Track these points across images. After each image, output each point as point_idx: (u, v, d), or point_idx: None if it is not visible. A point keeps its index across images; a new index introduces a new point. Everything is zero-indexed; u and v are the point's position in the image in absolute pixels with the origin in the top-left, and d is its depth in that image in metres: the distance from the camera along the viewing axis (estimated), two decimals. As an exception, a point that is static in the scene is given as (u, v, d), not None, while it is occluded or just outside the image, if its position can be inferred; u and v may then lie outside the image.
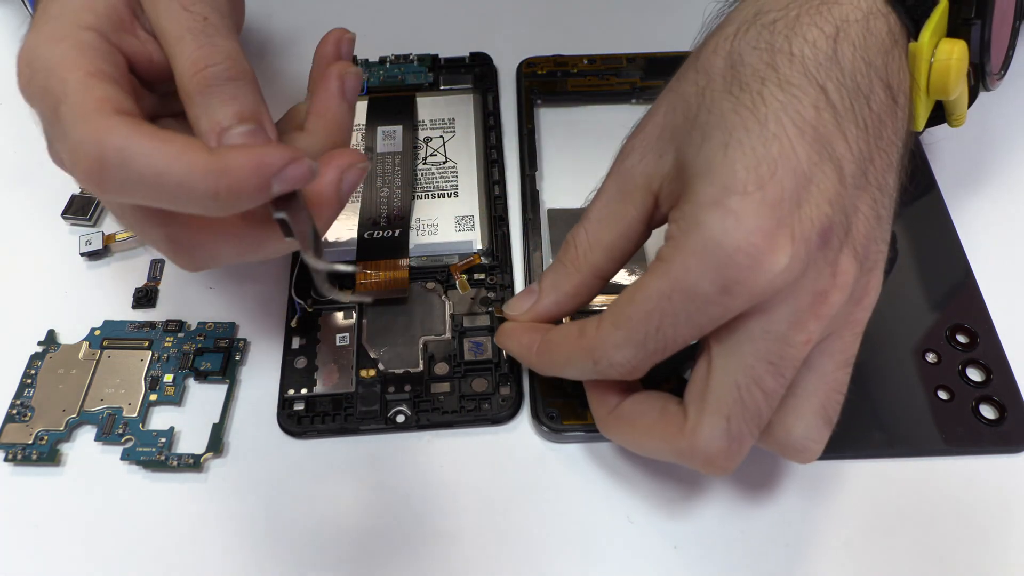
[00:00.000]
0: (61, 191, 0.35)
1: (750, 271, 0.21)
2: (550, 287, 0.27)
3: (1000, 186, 0.36)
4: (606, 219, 0.25)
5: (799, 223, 0.21)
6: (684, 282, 0.21)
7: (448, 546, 0.27)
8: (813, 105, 0.22)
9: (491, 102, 0.37)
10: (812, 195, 0.21)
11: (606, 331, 0.23)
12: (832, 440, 0.28)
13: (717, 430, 0.22)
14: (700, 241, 0.21)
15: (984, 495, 0.28)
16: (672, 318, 0.22)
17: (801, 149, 0.21)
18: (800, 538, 0.27)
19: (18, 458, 0.28)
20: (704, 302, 0.21)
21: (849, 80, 0.22)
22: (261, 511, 0.28)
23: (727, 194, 0.21)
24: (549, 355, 0.26)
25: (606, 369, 0.24)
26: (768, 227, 0.21)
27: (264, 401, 0.30)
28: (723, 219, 0.21)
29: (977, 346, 0.30)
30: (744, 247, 0.21)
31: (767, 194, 0.21)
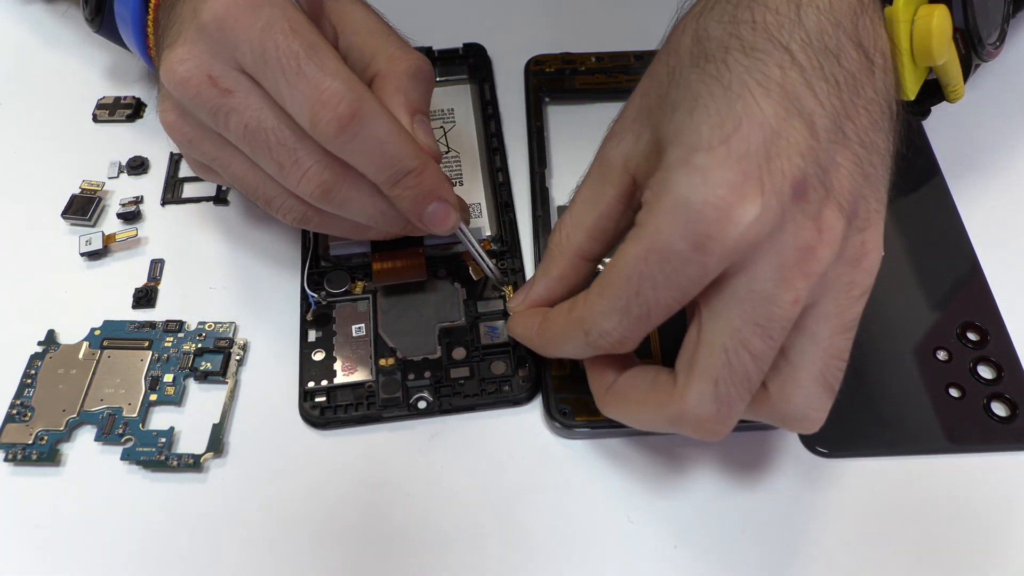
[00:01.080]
0: (61, 191, 0.35)
1: (720, 224, 0.21)
2: (540, 274, 0.27)
3: (1007, 182, 0.35)
4: (587, 201, 0.26)
5: (768, 175, 0.21)
6: (657, 242, 0.22)
7: (448, 542, 0.27)
8: (778, 65, 0.22)
9: (488, 91, 0.38)
10: (781, 148, 0.21)
11: (592, 301, 0.24)
12: (843, 438, 0.28)
13: (705, 394, 0.22)
14: (669, 201, 0.21)
15: (996, 492, 0.27)
16: (650, 280, 0.22)
17: (767, 105, 0.21)
18: (801, 538, 0.27)
19: (18, 458, 0.28)
20: (680, 261, 0.21)
21: (816, 40, 0.22)
22: (261, 511, 0.27)
23: (692, 152, 0.21)
24: (548, 333, 0.26)
25: (597, 339, 0.24)
26: (734, 179, 0.21)
27: (265, 400, 0.30)
28: (689, 176, 0.21)
29: (988, 344, 0.30)
30: (711, 200, 0.21)
31: (732, 148, 0.21)
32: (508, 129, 0.37)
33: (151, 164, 0.37)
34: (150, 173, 0.36)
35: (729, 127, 0.21)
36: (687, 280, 0.22)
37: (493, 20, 0.41)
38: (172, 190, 0.36)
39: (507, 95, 0.38)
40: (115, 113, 0.38)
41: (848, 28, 0.23)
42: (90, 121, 0.38)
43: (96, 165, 0.36)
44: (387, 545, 0.27)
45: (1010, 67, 0.39)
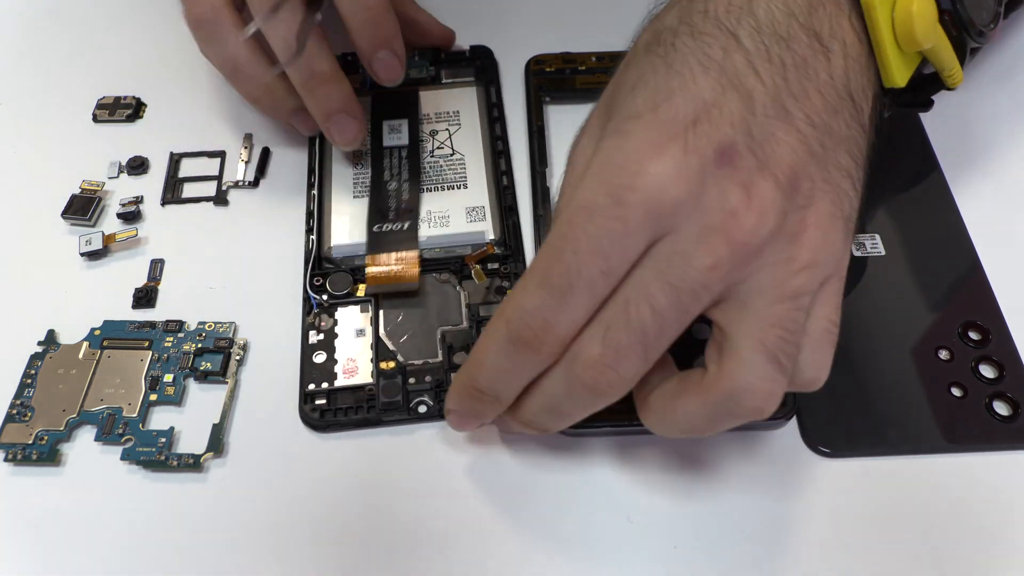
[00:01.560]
0: (61, 191, 0.35)
1: (637, 176, 0.21)
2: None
3: (1008, 181, 0.35)
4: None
5: (693, 137, 0.21)
6: (578, 200, 0.22)
7: (447, 543, 0.27)
8: (721, 47, 0.22)
9: (494, 94, 0.37)
10: (712, 117, 0.21)
11: (516, 285, 0.23)
12: (844, 438, 0.28)
13: (595, 337, 0.22)
14: (597, 162, 0.22)
15: (998, 492, 0.27)
16: (573, 243, 0.21)
17: (703, 80, 0.22)
18: (801, 538, 0.27)
19: (18, 458, 0.28)
20: (601, 217, 0.21)
21: (765, 27, 0.23)
22: (261, 511, 0.27)
23: (623, 121, 0.22)
24: (473, 351, 0.24)
25: (518, 327, 0.22)
26: (657, 139, 0.21)
27: (264, 401, 0.30)
28: (616, 138, 0.22)
29: (989, 343, 0.30)
30: (633, 156, 0.21)
31: (659, 114, 0.22)
32: (509, 129, 0.37)
33: (151, 164, 0.37)
34: (150, 173, 0.36)
35: (661, 97, 0.22)
36: (609, 241, 0.21)
37: (493, 20, 0.41)
38: (172, 190, 0.36)
39: (507, 95, 0.38)
40: (115, 113, 0.38)
41: (801, 17, 0.23)
42: (90, 121, 0.38)
43: (96, 165, 0.36)
44: (387, 546, 0.27)
45: (1010, 63, 0.39)
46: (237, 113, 0.38)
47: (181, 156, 0.37)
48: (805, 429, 0.28)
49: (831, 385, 0.29)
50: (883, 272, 0.32)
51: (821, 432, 0.28)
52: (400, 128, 0.36)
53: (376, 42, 0.32)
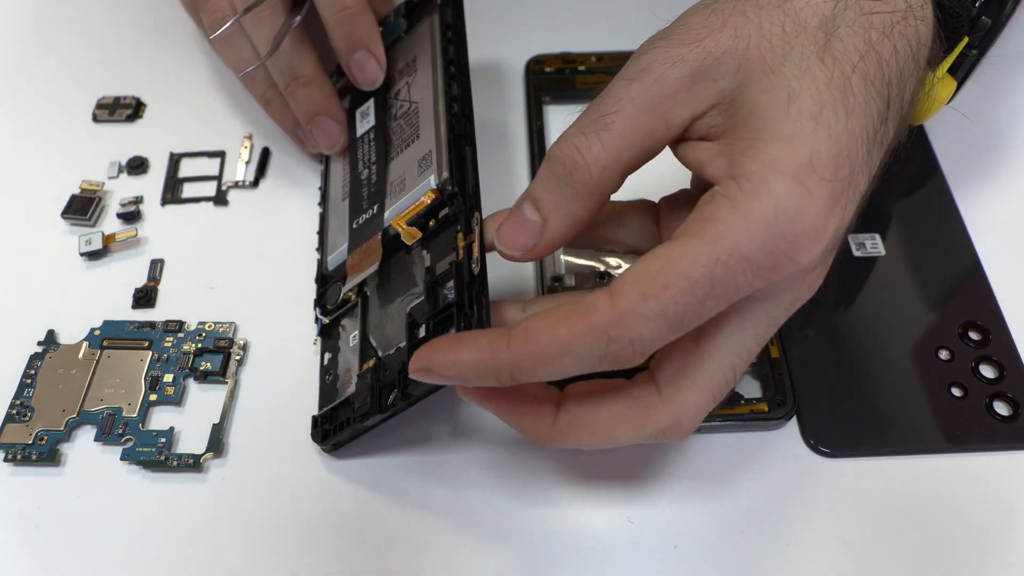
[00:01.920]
0: (61, 191, 0.35)
1: (801, 252, 0.21)
2: (560, 215, 0.23)
3: (1009, 181, 0.35)
4: (631, 135, 0.23)
5: (840, 222, 0.21)
6: (744, 248, 0.20)
7: (447, 543, 0.27)
8: (879, 115, 0.22)
9: (449, 14, 0.32)
10: (852, 199, 0.22)
11: (633, 303, 0.20)
12: (844, 438, 0.28)
13: (702, 407, 0.23)
14: (770, 209, 0.20)
15: (998, 492, 0.27)
16: (723, 289, 0.20)
17: (863, 153, 0.21)
18: (801, 538, 0.27)
19: (18, 458, 0.28)
20: (755, 275, 0.21)
21: (897, 102, 0.23)
22: (261, 511, 0.27)
23: (809, 173, 0.20)
24: (536, 346, 0.21)
25: (622, 351, 0.21)
26: (825, 217, 0.21)
27: (264, 400, 0.30)
28: (800, 196, 0.20)
29: (990, 343, 0.30)
30: (806, 228, 0.21)
31: (835, 187, 0.21)
32: (508, 129, 0.37)
33: (151, 164, 0.37)
34: (150, 173, 0.36)
35: (841, 165, 0.21)
36: (745, 289, 0.21)
37: (493, 20, 0.41)
38: (172, 190, 0.36)
39: (507, 95, 0.38)
40: (115, 113, 0.38)
41: (908, 100, 0.24)
42: (90, 121, 0.38)
43: (96, 165, 0.36)
44: (386, 545, 0.27)
45: (1011, 63, 0.39)
46: (237, 113, 0.38)
47: (181, 156, 0.37)
48: (805, 429, 0.28)
49: (831, 385, 0.29)
50: (883, 272, 0.32)
51: (821, 432, 0.28)
52: (368, 110, 0.33)
53: (352, 42, 0.32)
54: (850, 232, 0.24)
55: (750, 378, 0.30)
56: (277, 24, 0.32)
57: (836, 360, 0.30)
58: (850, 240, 0.33)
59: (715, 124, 0.23)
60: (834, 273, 0.31)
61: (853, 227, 0.23)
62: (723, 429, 0.28)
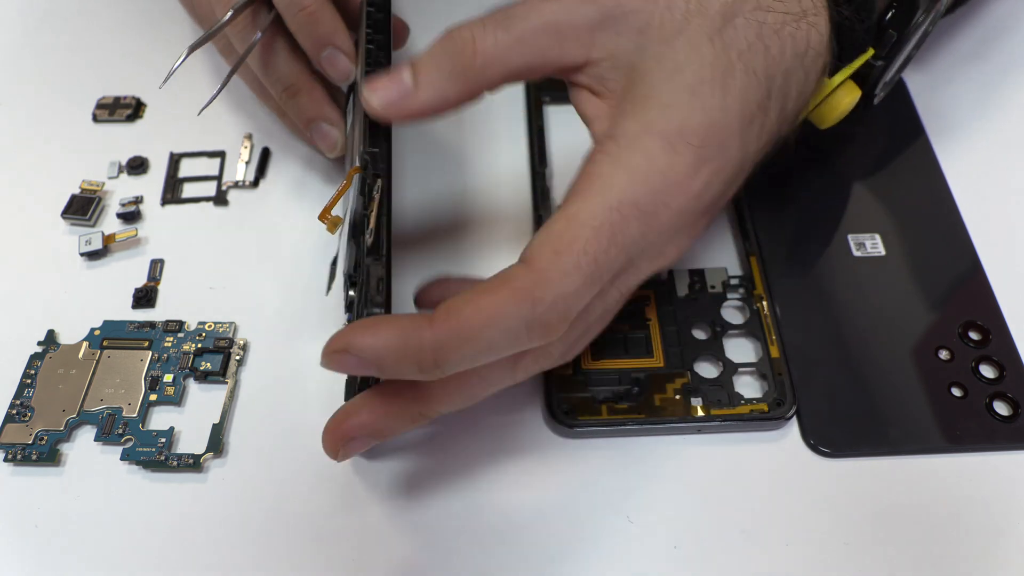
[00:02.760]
0: (61, 191, 0.35)
1: (675, 199, 0.23)
2: (432, 85, 0.24)
3: (1009, 181, 0.35)
4: (526, 44, 0.24)
5: (705, 183, 0.24)
6: (630, 194, 0.22)
7: (447, 542, 0.27)
8: (758, 102, 0.24)
9: None
10: (721, 169, 0.24)
11: (549, 261, 0.21)
12: (844, 438, 0.28)
13: (567, 341, 0.25)
14: (645, 162, 0.23)
15: (998, 492, 0.27)
16: (622, 236, 0.22)
17: (736, 131, 0.24)
18: (801, 538, 0.27)
19: (18, 458, 0.28)
20: (642, 223, 0.22)
21: (779, 95, 0.25)
22: (261, 511, 0.27)
23: (678, 137, 0.23)
24: (460, 321, 0.21)
25: (547, 312, 0.21)
26: (695, 176, 0.23)
27: (264, 401, 0.30)
28: (668, 154, 0.23)
29: (990, 343, 0.30)
30: (678, 182, 0.23)
31: (701, 152, 0.23)
32: (508, 129, 0.37)
33: (151, 164, 0.37)
34: (150, 173, 0.36)
35: (711, 135, 0.23)
36: (641, 246, 0.23)
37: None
38: (172, 190, 0.36)
39: (507, 95, 0.38)
40: (115, 113, 0.38)
41: (801, 96, 0.26)
42: (90, 121, 0.38)
43: (96, 165, 0.36)
44: (386, 545, 0.27)
45: (1012, 63, 0.39)
46: (237, 113, 0.38)
47: (181, 156, 0.37)
48: (805, 429, 0.28)
49: (831, 385, 0.29)
50: (883, 272, 0.32)
51: (821, 432, 0.28)
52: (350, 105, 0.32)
53: (316, 41, 0.31)
54: (724, 201, 0.26)
55: (750, 378, 0.30)
56: (247, 31, 0.31)
57: (836, 360, 0.30)
58: (850, 240, 0.33)
59: (607, 78, 0.24)
60: (834, 273, 0.32)
61: (727, 195, 0.26)
62: (723, 429, 0.28)
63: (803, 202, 0.34)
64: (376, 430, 0.25)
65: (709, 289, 0.31)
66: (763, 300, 0.31)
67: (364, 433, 0.24)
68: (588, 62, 0.24)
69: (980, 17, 0.41)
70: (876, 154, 0.36)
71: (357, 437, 0.24)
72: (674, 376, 0.29)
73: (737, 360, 0.30)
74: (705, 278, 0.32)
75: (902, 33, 0.28)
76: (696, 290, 0.31)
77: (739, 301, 0.31)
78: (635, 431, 0.28)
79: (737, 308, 0.31)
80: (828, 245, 0.32)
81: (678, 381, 0.29)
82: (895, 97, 0.37)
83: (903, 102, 0.37)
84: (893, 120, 0.37)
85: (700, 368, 0.30)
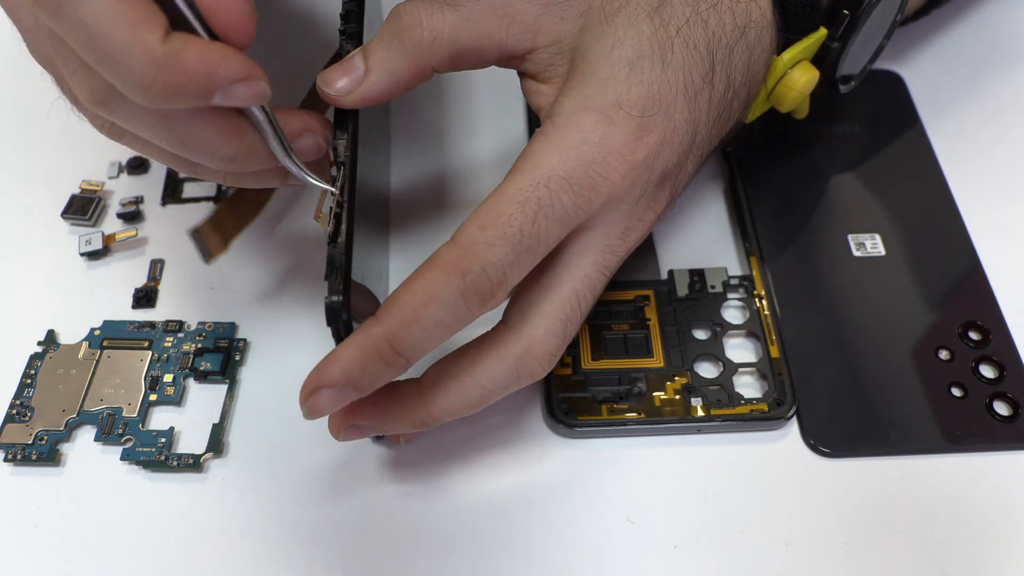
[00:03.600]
0: (61, 191, 0.35)
1: (613, 172, 0.23)
2: (382, 67, 0.24)
3: (1009, 181, 0.35)
4: (473, 24, 0.24)
5: (658, 158, 0.24)
6: (560, 170, 0.23)
7: (447, 542, 0.27)
8: (702, 75, 0.25)
9: None
10: (672, 142, 0.24)
11: (473, 235, 0.22)
12: (844, 438, 0.28)
13: (553, 331, 0.24)
14: (578, 137, 0.23)
15: (998, 492, 0.27)
16: (548, 209, 0.22)
17: (680, 102, 0.24)
18: (801, 538, 0.27)
19: (18, 458, 0.28)
20: (576, 194, 0.23)
21: (723, 69, 0.25)
22: (261, 511, 0.27)
23: (616, 109, 0.23)
24: (400, 306, 0.22)
25: (477, 280, 0.22)
26: (634, 145, 0.23)
27: (264, 401, 0.30)
28: (604, 126, 0.23)
29: (990, 343, 0.30)
30: (615, 151, 0.23)
31: (644, 123, 0.24)
32: (508, 129, 0.37)
33: (151, 164, 0.37)
34: (150, 173, 0.36)
35: (652, 101, 0.24)
36: (573, 215, 0.23)
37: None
38: (172, 190, 0.36)
39: (507, 95, 0.38)
40: (115, 113, 0.38)
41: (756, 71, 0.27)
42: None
43: (96, 165, 0.36)
44: (386, 545, 0.27)
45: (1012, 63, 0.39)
46: (237, 113, 0.38)
47: (181, 156, 0.37)
48: (805, 429, 0.28)
49: (831, 385, 0.29)
50: (883, 272, 0.32)
51: (821, 432, 0.28)
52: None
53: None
54: (686, 176, 0.26)
55: (750, 378, 0.30)
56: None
57: (836, 360, 0.30)
58: (850, 240, 0.33)
59: (553, 63, 0.25)
60: (834, 273, 0.32)
61: (687, 169, 0.26)
62: (723, 429, 0.28)
63: (803, 202, 0.34)
64: (376, 428, 0.26)
65: (709, 289, 0.31)
66: (763, 300, 0.31)
67: (365, 425, 0.25)
68: (534, 48, 0.25)
69: (979, 16, 0.41)
70: (876, 154, 0.36)
71: (359, 425, 0.25)
72: (674, 376, 0.29)
73: (737, 360, 0.30)
74: (705, 278, 0.32)
75: (855, 13, 0.28)
76: (696, 290, 0.31)
77: (739, 301, 0.31)
78: (635, 431, 0.28)
79: (737, 308, 0.31)
80: (828, 245, 0.33)
81: (678, 381, 0.29)
82: (894, 96, 0.37)
83: (903, 101, 0.37)
84: (893, 120, 0.37)
85: (700, 368, 0.30)
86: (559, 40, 0.25)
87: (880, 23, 0.30)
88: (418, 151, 0.37)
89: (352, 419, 0.25)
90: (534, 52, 0.25)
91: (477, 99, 0.39)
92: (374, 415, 0.25)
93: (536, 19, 0.25)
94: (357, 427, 0.25)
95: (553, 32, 0.25)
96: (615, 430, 0.28)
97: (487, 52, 0.25)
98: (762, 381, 0.29)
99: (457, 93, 0.39)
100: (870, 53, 0.31)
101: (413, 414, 0.25)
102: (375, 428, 0.25)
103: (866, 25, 0.28)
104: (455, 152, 0.37)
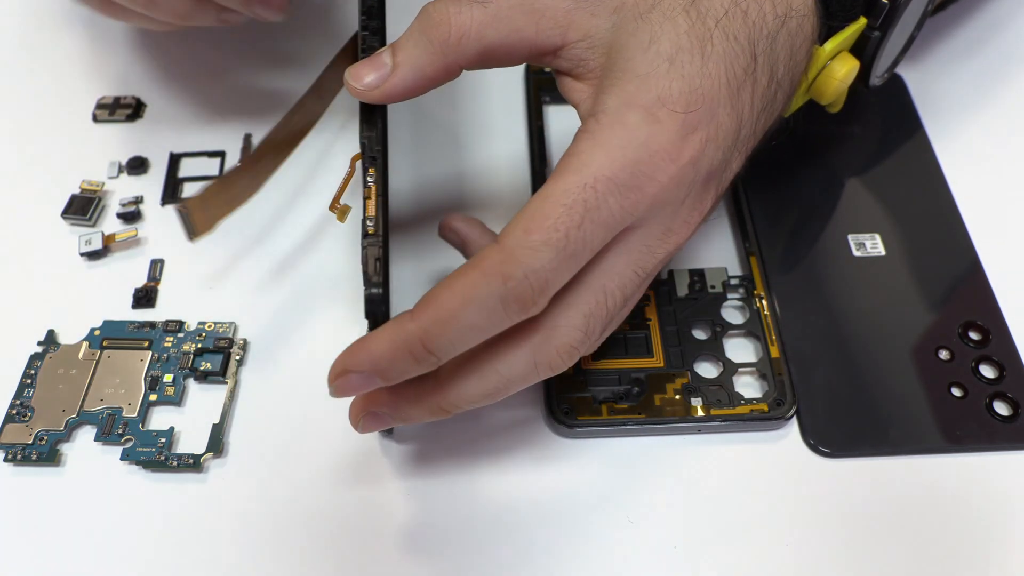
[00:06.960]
0: (61, 191, 0.35)
1: (660, 172, 0.23)
2: (410, 63, 0.24)
3: (1008, 180, 0.35)
4: (502, 21, 0.24)
5: (705, 157, 0.23)
6: (607, 170, 0.22)
7: (447, 542, 0.27)
8: (744, 68, 0.24)
9: None
10: (718, 139, 0.24)
11: (518, 239, 0.22)
12: (844, 438, 0.28)
13: (572, 320, 0.23)
14: (624, 136, 0.22)
15: (998, 492, 0.27)
16: (595, 212, 0.22)
17: (723, 96, 0.24)
18: (802, 538, 0.27)
19: (18, 458, 0.28)
20: (623, 196, 0.22)
21: (766, 60, 0.25)
22: (261, 511, 0.27)
23: (659, 106, 0.23)
24: (437, 305, 0.22)
25: (519, 285, 0.21)
26: (680, 145, 0.23)
27: (265, 400, 0.30)
28: (649, 124, 0.23)
29: (990, 343, 0.30)
30: (662, 151, 0.23)
31: (687, 118, 0.23)
32: (508, 129, 0.37)
33: (151, 164, 0.37)
34: (150, 173, 0.36)
35: (695, 100, 0.23)
36: (619, 218, 0.22)
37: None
38: (172, 190, 0.36)
39: (507, 95, 0.38)
40: (115, 113, 0.38)
41: (799, 62, 0.26)
42: (90, 121, 0.38)
43: (96, 165, 0.36)
44: (386, 545, 0.27)
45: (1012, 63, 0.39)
46: (237, 113, 0.38)
47: (181, 156, 0.37)
48: (805, 429, 0.28)
49: (831, 385, 0.29)
50: (883, 272, 0.32)
51: (821, 432, 0.28)
52: None
53: None
54: (731, 174, 0.26)
55: (750, 378, 0.30)
56: None
57: (836, 360, 0.30)
58: (850, 240, 0.33)
59: (586, 59, 0.24)
60: (834, 273, 0.32)
61: (732, 166, 0.25)
62: (723, 429, 0.28)
63: (803, 202, 0.34)
64: (394, 415, 0.25)
65: (709, 289, 0.31)
66: (763, 300, 0.31)
67: (384, 412, 0.25)
68: (565, 44, 0.25)
69: (978, 14, 0.41)
70: (876, 154, 0.36)
71: (378, 413, 0.25)
72: (674, 376, 0.29)
73: (737, 360, 0.30)
74: (705, 278, 0.32)
75: (894, 3, 0.27)
76: (696, 290, 0.31)
77: (739, 301, 0.31)
78: (635, 431, 0.28)
79: (737, 308, 0.31)
80: (828, 245, 0.33)
81: (678, 381, 0.29)
82: (894, 96, 0.37)
83: (902, 100, 0.37)
84: (893, 119, 0.37)
85: (700, 368, 0.30)
86: (590, 35, 0.24)
87: (913, 13, 0.29)
88: (418, 151, 0.37)
89: (371, 405, 0.25)
90: (565, 48, 0.25)
91: (480, 100, 0.39)
92: (393, 401, 0.25)
93: (566, 14, 0.24)
94: (376, 416, 0.25)
95: (584, 27, 0.24)
96: (615, 430, 0.28)
97: (516, 49, 0.25)
98: (762, 381, 0.29)
99: (458, 93, 0.39)
100: (901, 44, 0.31)
101: (431, 400, 0.24)
102: (393, 416, 0.25)
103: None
104: (456, 152, 0.37)
